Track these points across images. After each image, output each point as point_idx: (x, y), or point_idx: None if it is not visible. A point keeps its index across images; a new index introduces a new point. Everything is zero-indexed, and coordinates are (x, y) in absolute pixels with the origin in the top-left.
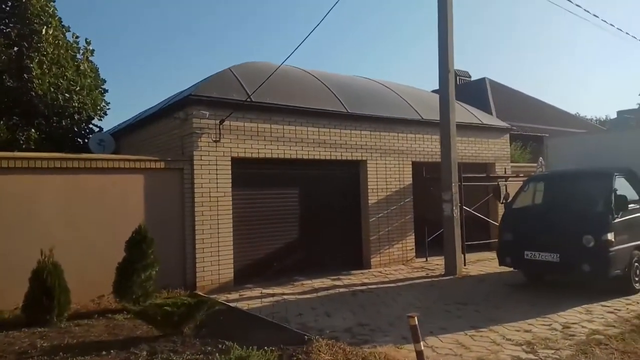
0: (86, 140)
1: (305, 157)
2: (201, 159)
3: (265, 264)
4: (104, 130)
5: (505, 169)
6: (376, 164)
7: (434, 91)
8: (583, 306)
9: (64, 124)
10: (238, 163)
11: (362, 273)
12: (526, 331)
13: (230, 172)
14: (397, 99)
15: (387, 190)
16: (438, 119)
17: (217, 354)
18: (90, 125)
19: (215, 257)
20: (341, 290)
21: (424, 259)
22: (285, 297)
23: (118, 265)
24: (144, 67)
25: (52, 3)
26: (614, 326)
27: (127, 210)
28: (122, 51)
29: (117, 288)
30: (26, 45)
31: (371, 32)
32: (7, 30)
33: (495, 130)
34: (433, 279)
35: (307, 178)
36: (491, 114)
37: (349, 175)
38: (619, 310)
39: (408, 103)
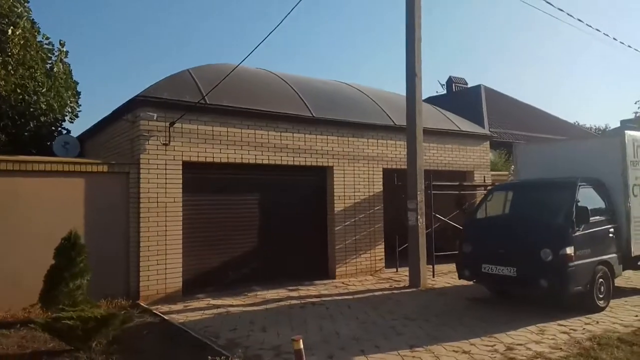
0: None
1: (265, 162)
2: (148, 163)
3: (221, 273)
4: (76, 133)
5: (484, 177)
6: (344, 170)
7: (425, 100)
8: (538, 325)
9: (31, 125)
10: (191, 168)
11: (324, 284)
12: (464, 352)
13: (181, 176)
14: (370, 104)
15: (356, 198)
16: None
17: None
18: (60, 128)
19: (161, 265)
20: (293, 302)
21: (394, 270)
22: (230, 308)
23: (46, 273)
24: (135, 72)
25: (25, 3)
26: (560, 349)
27: (66, 216)
28: (108, 53)
29: (44, 297)
30: None
31: (355, 36)
32: None
33: (474, 138)
34: (394, 291)
35: (268, 184)
36: (483, 120)
37: (315, 181)
38: (575, 330)
39: (381, 108)
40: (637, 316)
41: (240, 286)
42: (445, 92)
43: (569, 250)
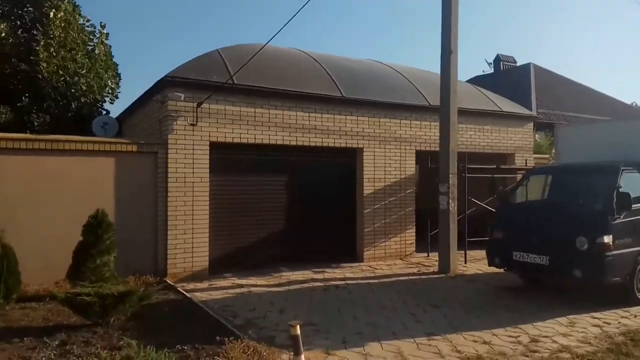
0: None
1: (293, 143)
2: (176, 143)
3: (247, 253)
4: (116, 113)
5: (526, 160)
6: (374, 152)
7: (469, 80)
8: (569, 316)
9: (73, 106)
10: (218, 148)
11: (350, 267)
12: (484, 342)
13: (208, 157)
14: (404, 83)
15: (386, 180)
16: None
17: (105, 351)
18: (101, 109)
19: (188, 244)
20: (316, 284)
21: (426, 255)
22: (253, 288)
23: (74, 249)
24: (171, 51)
25: None
26: (589, 343)
27: (96, 194)
28: (146, 34)
29: (71, 273)
30: (35, 28)
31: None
32: (21, 13)
33: (516, 118)
34: (422, 276)
35: (297, 165)
36: (530, 100)
37: (345, 163)
38: (609, 323)
39: (416, 88)
40: None
41: (267, 266)
42: (492, 71)
43: (607, 239)
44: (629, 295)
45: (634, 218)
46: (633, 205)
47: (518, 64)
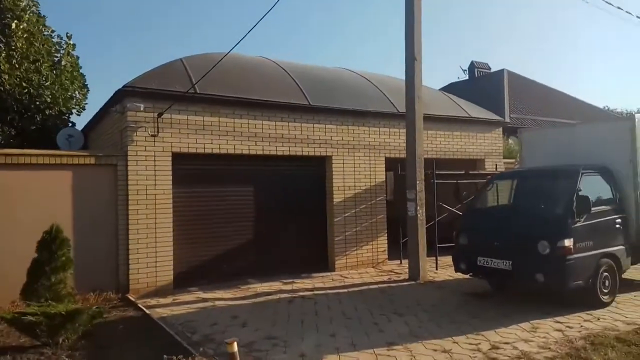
0: None
1: (259, 152)
2: (136, 154)
3: (215, 266)
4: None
5: (496, 165)
6: (343, 160)
7: (444, 88)
8: (533, 322)
9: (37, 119)
10: (181, 159)
11: (322, 276)
12: (444, 351)
13: (170, 168)
14: (373, 90)
15: (356, 188)
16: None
17: None
18: (69, 122)
19: (151, 258)
20: (283, 296)
21: (398, 262)
22: (218, 302)
23: (29, 267)
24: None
25: None
26: (549, 348)
27: (54, 209)
28: (118, 44)
29: (26, 291)
30: None
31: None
32: None
33: (485, 124)
34: (391, 284)
35: (264, 175)
36: (503, 106)
37: (313, 171)
38: (571, 327)
39: (385, 95)
40: None
41: (235, 279)
42: (467, 77)
43: (568, 242)
44: (593, 299)
45: (595, 221)
46: (594, 208)
47: (492, 71)
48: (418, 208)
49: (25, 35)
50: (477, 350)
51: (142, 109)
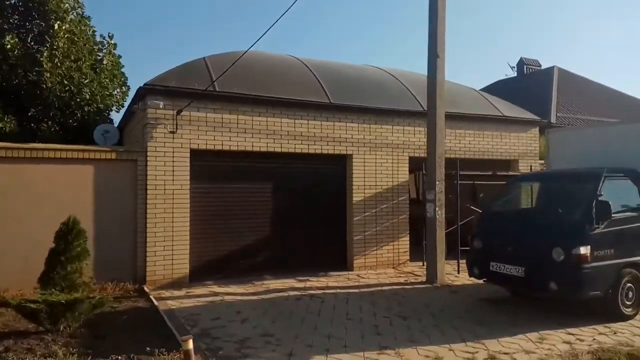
0: None
1: (277, 150)
2: (156, 150)
3: (232, 261)
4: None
5: (531, 166)
6: (364, 158)
7: (491, 85)
8: (542, 332)
9: (78, 115)
10: (199, 155)
11: (338, 275)
12: (436, 358)
13: (189, 164)
14: (399, 88)
15: (377, 187)
16: (448, 110)
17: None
18: (109, 118)
19: (168, 251)
20: (293, 293)
21: (421, 263)
22: (228, 297)
23: (46, 256)
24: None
25: None
26: None
27: (76, 202)
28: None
29: (43, 279)
30: (41, 40)
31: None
32: (30, 26)
33: (520, 123)
34: (406, 286)
35: (282, 172)
36: (550, 104)
37: (333, 170)
38: (582, 340)
39: (412, 93)
40: None
41: (251, 274)
42: (515, 75)
43: (584, 249)
44: (613, 311)
45: (619, 228)
46: (618, 215)
47: (542, 68)
48: (437, 209)
49: (66, 36)
50: (471, 359)
51: (161, 106)
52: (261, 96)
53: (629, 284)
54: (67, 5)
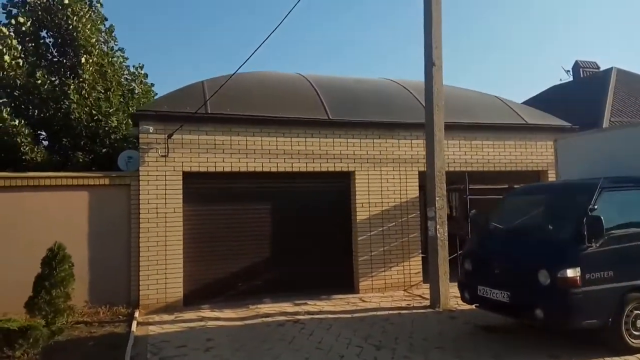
0: None
1: (274, 169)
2: (148, 175)
3: (230, 284)
4: None
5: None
6: (368, 175)
7: (547, 89)
8: None
9: (107, 143)
10: (192, 178)
11: (340, 298)
12: None
13: (181, 187)
14: (410, 100)
15: (384, 205)
16: (462, 120)
17: None
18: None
19: (161, 275)
20: (280, 318)
21: None
22: (213, 322)
23: (34, 281)
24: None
25: (104, 33)
26: None
27: (71, 228)
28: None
29: (28, 305)
30: (67, 73)
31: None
32: (61, 60)
33: (547, 131)
34: (405, 311)
35: (282, 192)
36: (602, 109)
37: (335, 188)
38: None
39: (422, 104)
40: None
41: (251, 298)
42: (571, 79)
43: (572, 272)
44: (617, 342)
45: (621, 246)
46: (620, 231)
47: (601, 70)
48: (438, 227)
49: (92, 69)
50: None
51: (151, 130)
52: (254, 116)
53: (637, 311)
54: (94, 39)
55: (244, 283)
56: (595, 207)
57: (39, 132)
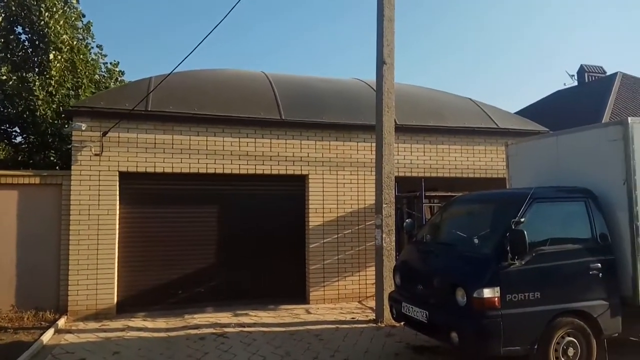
0: None
1: (219, 171)
2: (80, 174)
3: (169, 292)
4: None
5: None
6: (323, 178)
7: (551, 95)
8: None
9: None
10: (130, 178)
11: (286, 309)
12: None
13: (117, 188)
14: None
15: (339, 211)
16: (427, 123)
17: None
18: None
19: (92, 280)
20: (207, 330)
21: None
22: (132, 333)
23: None
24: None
25: (78, 31)
26: None
27: None
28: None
29: None
30: (33, 70)
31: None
32: (32, 56)
33: (521, 135)
34: (345, 325)
35: (228, 196)
36: (602, 114)
37: (288, 192)
38: None
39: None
40: None
41: (192, 306)
42: (576, 83)
43: (489, 292)
44: None
45: (551, 264)
46: (551, 247)
47: (607, 75)
48: (384, 236)
49: (61, 65)
50: None
51: (83, 128)
52: (198, 114)
53: (570, 338)
54: (65, 36)
55: (186, 291)
56: (522, 219)
57: (1, 127)
